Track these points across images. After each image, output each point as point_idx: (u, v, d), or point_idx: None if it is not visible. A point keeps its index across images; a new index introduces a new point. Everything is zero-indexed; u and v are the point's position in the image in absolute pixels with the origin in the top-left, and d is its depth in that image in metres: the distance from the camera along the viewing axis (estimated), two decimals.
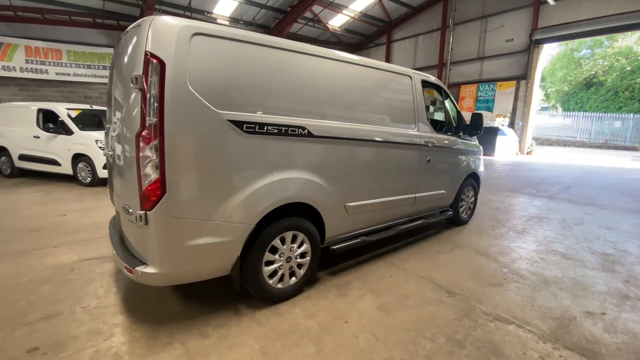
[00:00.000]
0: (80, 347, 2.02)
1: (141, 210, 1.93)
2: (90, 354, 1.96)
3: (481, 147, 4.80)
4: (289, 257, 2.50)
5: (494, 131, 14.15)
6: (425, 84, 3.68)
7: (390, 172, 3.18)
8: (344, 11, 17.61)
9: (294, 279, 2.58)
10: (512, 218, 4.94)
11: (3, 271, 2.99)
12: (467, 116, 3.99)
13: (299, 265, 2.61)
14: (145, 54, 1.84)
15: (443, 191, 3.94)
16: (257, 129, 2.18)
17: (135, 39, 1.96)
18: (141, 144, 1.87)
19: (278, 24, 17.45)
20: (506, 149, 14.32)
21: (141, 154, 1.88)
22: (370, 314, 2.37)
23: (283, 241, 2.46)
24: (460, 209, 4.42)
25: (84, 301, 2.53)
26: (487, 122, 14.78)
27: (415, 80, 3.47)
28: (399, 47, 19.78)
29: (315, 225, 2.65)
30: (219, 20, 17.10)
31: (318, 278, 2.91)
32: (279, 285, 2.49)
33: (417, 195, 3.54)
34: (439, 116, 5.06)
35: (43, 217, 4.68)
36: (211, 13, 16.52)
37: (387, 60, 20.31)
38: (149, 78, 1.84)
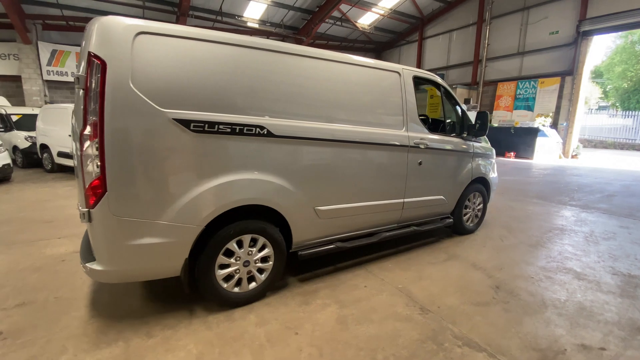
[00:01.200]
0: (36, 335, 2.10)
1: (85, 207, 1.95)
2: (42, 344, 2.02)
3: (493, 150, 4.38)
4: (247, 261, 2.42)
5: (533, 132, 13.02)
6: (419, 80, 3.41)
7: (370, 176, 2.97)
8: (373, 9, 17.24)
9: (253, 284, 2.49)
10: (528, 229, 4.44)
11: (5, 258, 3.24)
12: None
13: (260, 270, 2.52)
14: (88, 54, 1.86)
15: (440, 197, 3.63)
16: (206, 128, 2.12)
17: (84, 40, 1.99)
18: (83, 142, 1.89)
19: (306, 24, 17.54)
20: (547, 151, 13.09)
21: (84, 152, 1.90)
22: (326, 327, 2.21)
23: (241, 244, 2.38)
24: (464, 217, 4.05)
25: (60, 292, 2.64)
26: (525, 122, 13.64)
27: (405, 76, 3.22)
28: (431, 44, 18.96)
29: (283, 228, 2.55)
30: (249, 24, 17.59)
31: (287, 283, 2.80)
32: (236, 290, 2.42)
33: (406, 200, 3.28)
34: (436, 115, 4.70)
35: (62, 209, 5.05)
36: (241, 16, 17.01)
37: (419, 58, 19.58)
38: (91, 78, 1.85)
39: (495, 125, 14.98)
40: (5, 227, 4.16)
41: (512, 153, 13.67)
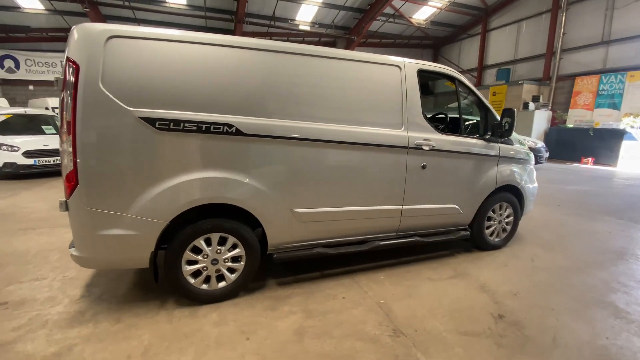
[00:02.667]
0: (31, 308, 2.37)
1: (64, 198, 2.14)
2: (31, 316, 2.27)
3: (530, 154, 3.75)
4: (215, 260, 2.41)
5: (617, 134, 10.97)
6: (426, 74, 3.05)
7: (358, 179, 2.74)
8: (429, 2, 16.27)
9: (223, 283, 2.48)
10: (574, 249, 3.70)
11: (44, 239, 3.75)
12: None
13: (232, 270, 2.49)
14: (66, 59, 2.02)
15: (452, 205, 3.21)
16: (171, 126, 2.16)
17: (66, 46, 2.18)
18: (62, 139, 2.07)
19: (357, 23, 17.30)
20: (635, 158, 10.89)
21: (62, 148, 2.08)
22: (281, 336, 2.09)
23: (210, 242, 2.38)
24: (487, 230, 3.53)
25: (68, 272, 2.95)
26: (608, 123, 11.56)
27: (407, 70, 2.91)
28: (496, 36, 17.21)
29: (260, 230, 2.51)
30: (301, 27, 17.98)
31: (264, 285, 2.73)
32: (204, 287, 2.43)
33: (406, 207, 2.97)
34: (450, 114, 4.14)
35: None
36: (294, 20, 17.46)
37: (482, 53, 17.94)
38: (66, 80, 2.01)
39: (570, 126, 12.98)
40: (55, 211, 4.83)
41: (589, 159, 11.69)
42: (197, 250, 2.37)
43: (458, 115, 3.40)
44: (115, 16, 15.36)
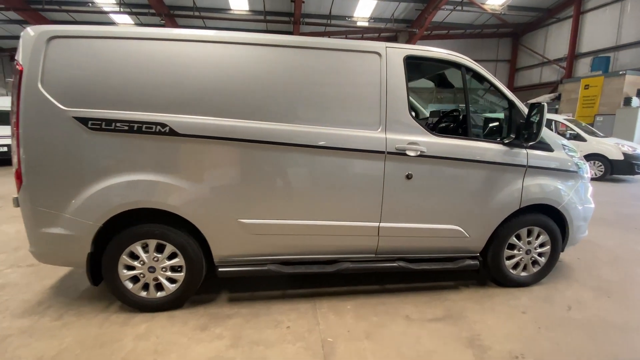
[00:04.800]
0: (11, 292, 2.59)
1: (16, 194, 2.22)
2: (4, 301, 2.45)
3: (582, 164, 2.80)
4: (152, 267, 2.27)
5: None
6: (418, 62, 2.45)
7: (320, 188, 2.32)
8: None
9: (163, 292, 2.32)
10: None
11: None
12: None
13: (172, 280, 2.32)
14: (15, 62, 2.08)
15: (454, 227, 2.54)
16: (103, 126, 2.07)
17: None
18: (13, 138, 2.14)
19: (420, 15, 16.06)
20: None
21: (14, 147, 2.15)
22: None
23: (147, 249, 2.25)
24: (508, 262, 2.73)
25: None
26: None
27: (390, 58, 2.36)
28: (593, 18, 14.26)
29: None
30: (359, 23, 17.43)
31: (214, 299, 2.51)
32: (143, 294, 2.31)
33: (384, 225, 2.43)
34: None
35: None
36: (352, 17, 17.03)
37: (574, 39, 15.06)
38: (14, 82, 2.07)
39: None
40: None
41: None
42: (135, 256, 2.26)
43: (471, 114, 2.69)
44: (188, 26, 16.97)
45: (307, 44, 2.28)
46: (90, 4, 15.38)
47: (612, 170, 8.10)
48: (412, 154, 2.36)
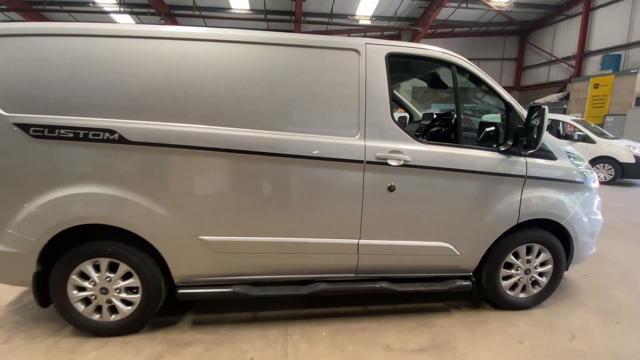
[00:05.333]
0: None
1: None
2: None
3: (588, 173, 2.51)
4: (105, 288, 2.05)
5: None
6: (403, 59, 2.20)
7: (292, 202, 2.08)
8: None
9: (117, 315, 2.11)
10: None
11: None
12: None
13: (127, 302, 2.10)
14: None
15: (443, 244, 2.28)
16: (46, 133, 1.85)
17: None
18: None
19: (424, 12, 15.71)
20: None
21: None
22: None
23: (100, 268, 2.04)
24: (505, 282, 2.46)
25: None
26: None
27: (370, 55, 2.11)
28: (603, 15, 13.78)
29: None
30: (361, 22, 17.13)
31: (177, 321, 2.29)
32: (96, 317, 2.09)
33: (365, 242, 2.18)
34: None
35: None
36: (354, 15, 16.73)
37: (583, 36, 14.57)
38: None
39: None
40: None
41: None
42: (86, 276, 2.05)
43: (467, 118, 2.42)
44: (189, 25, 16.84)
45: (275, 40, 2.04)
46: (91, 4, 15.35)
47: (622, 173, 7.71)
48: (394, 163, 2.11)
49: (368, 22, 17.13)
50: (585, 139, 8.06)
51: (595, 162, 7.78)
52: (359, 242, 2.18)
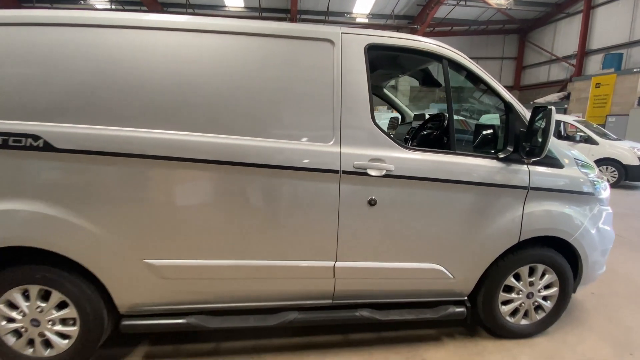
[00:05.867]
0: None
1: None
2: None
3: (601, 183, 2.21)
4: (36, 320, 1.74)
5: None
6: (386, 52, 1.91)
7: (256, 219, 1.78)
8: None
9: (52, 350, 1.80)
10: None
11: None
12: None
13: (64, 335, 1.80)
14: None
15: (433, 266, 1.98)
16: None
17: None
18: None
19: (422, 10, 15.42)
20: None
21: None
22: None
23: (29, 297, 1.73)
24: (504, 307, 2.16)
25: None
26: None
27: (347, 47, 1.80)
28: (605, 13, 13.50)
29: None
30: (358, 20, 16.81)
31: (128, 353, 1.99)
32: (29, 352, 1.79)
33: (342, 265, 1.88)
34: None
35: None
36: (351, 13, 16.44)
37: (584, 35, 14.28)
38: None
39: None
40: None
41: None
42: (15, 306, 1.74)
43: (463, 122, 2.12)
44: None
45: (233, 28, 1.73)
46: (82, 2, 15.03)
47: (626, 176, 7.43)
48: (375, 173, 1.80)
49: (365, 20, 16.84)
50: (588, 140, 7.77)
51: (598, 164, 7.48)
52: (336, 264, 1.88)
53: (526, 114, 2.01)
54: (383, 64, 2.66)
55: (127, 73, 1.64)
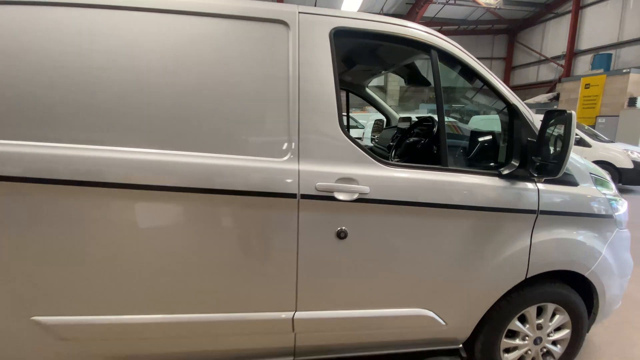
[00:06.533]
0: None
1: None
2: None
3: (613, 201, 1.83)
4: None
5: None
6: (359, 39, 1.48)
7: (185, 259, 1.33)
8: None
9: None
10: None
11: None
12: None
13: None
14: None
15: (423, 311, 1.56)
16: None
17: None
18: None
19: (411, 9, 15.13)
20: None
21: None
22: None
23: None
24: (507, 355, 1.76)
25: None
26: None
27: (307, 31, 1.37)
28: (593, 13, 13.43)
29: None
30: None
31: None
32: None
33: (302, 316, 1.45)
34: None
35: None
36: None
37: (572, 35, 14.20)
38: None
39: None
40: None
41: None
42: None
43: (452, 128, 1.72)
44: None
45: (147, 3, 1.27)
46: None
47: (620, 179, 7.20)
48: (345, 197, 1.37)
49: None
50: (580, 142, 7.51)
51: None
52: (295, 315, 1.45)
53: (534, 119, 1.62)
54: (361, 56, 2.22)
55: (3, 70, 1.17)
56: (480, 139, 1.92)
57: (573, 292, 1.76)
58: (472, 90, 2.48)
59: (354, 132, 8.74)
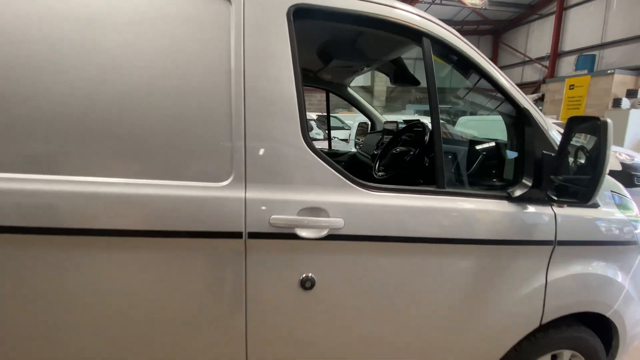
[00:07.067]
0: None
1: None
2: None
3: (636, 223, 1.53)
4: None
5: None
6: (327, 23, 1.13)
7: (96, 323, 0.95)
8: None
9: None
10: None
11: None
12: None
13: None
14: None
15: None
16: None
17: None
18: None
19: None
20: None
21: None
22: None
23: None
24: None
25: None
26: None
27: (253, 11, 1.00)
28: (577, 14, 13.53)
29: None
30: None
31: None
32: None
33: None
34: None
35: None
36: None
37: (556, 36, 14.26)
38: None
39: None
40: None
41: None
42: None
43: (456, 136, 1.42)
44: None
45: None
46: None
47: None
48: (310, 234, 1.02)
49: None
50: None
51: None
52: None
53: (549, 127, 1.30)
54: (338, 49, 1.85)
55: None
56: (480, 149, 1.60)
57: (592, 334, 1.45)
58: (463, 89, 2.15)
59: (339, 134, 8.40)
